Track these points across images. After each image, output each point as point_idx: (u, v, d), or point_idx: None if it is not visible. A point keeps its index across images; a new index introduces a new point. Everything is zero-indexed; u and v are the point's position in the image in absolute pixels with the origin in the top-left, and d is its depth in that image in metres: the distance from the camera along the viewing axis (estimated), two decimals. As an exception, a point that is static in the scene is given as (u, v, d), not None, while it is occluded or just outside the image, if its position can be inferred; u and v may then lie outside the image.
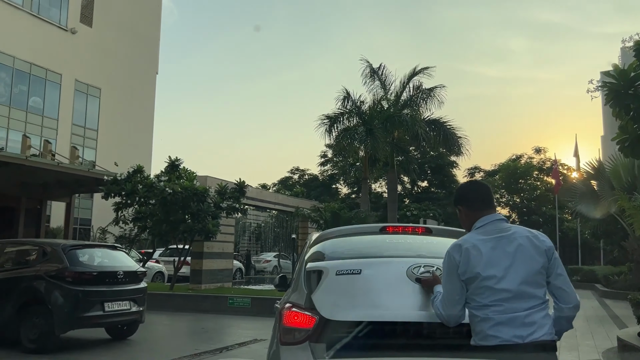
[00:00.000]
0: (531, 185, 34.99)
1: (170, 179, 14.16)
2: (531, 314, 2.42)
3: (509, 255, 2.50)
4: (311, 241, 3.79)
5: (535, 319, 2.42)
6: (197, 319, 11.66)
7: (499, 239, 2.55)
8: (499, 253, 2.51)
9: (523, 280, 2.45)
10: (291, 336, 3.20)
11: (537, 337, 2.40)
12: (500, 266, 2.48)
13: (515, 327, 2.40)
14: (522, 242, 2.53)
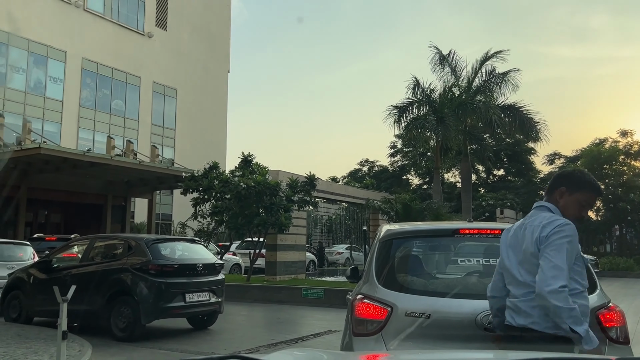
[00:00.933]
0: (617, 171, 32.83)
1: (244, 174, 14.56)
2: (521, 302, 2.53)
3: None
4: (380, 235, 3.71)
5: (522, 307, 2.51)
6: (272, 310, 11.95)
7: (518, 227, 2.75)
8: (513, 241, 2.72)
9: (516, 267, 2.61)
10: (363, 327, 3.24)
11: (521, 323, 2.49)
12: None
13: (509, 313, 2.59)
14: (520, 231, 2.68)
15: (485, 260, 3.54)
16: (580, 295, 2.44)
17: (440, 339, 3.03)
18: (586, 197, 2.65)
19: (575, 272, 2.47)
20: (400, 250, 3.63)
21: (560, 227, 2.49)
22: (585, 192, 2.65)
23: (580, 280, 2.49)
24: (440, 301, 3.15)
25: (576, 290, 2.43)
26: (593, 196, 2.69)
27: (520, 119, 23.41)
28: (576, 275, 2.47)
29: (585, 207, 2.67)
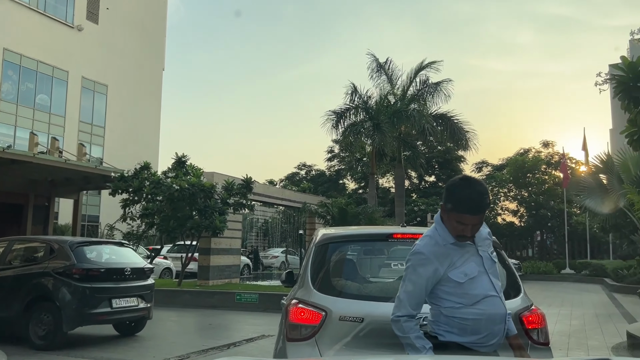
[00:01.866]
0: (539, 180, 34.73)
1: (177, 175, 14.20)
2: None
3: None
4: (316, 239, 3.71)
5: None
6: (205, 315, 11.69)
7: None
8: None
9: None
10: (297, 332, 3.21)
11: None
12: None
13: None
14: None
15: None
16: (458, 310, 2.43)
17: (373, 342, 3.04)
18: (457, 216, 2.39)
19: (447, 292, 2.45)
20: (336, 254, 3.64)
21: (409, 256, 2.54)
22: (457, 211, 2.39)
23: (455, 299, 2.44)
24: (373, 305, 3.17)
25: (451, 307, 2.45)
26: (464, 215, 2.38)
27: (451, 127, 24.29)
28: (446, 295, 2.45)
29: (463, 226, 2.40)
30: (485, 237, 2.60)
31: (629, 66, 6.16)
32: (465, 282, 2.43)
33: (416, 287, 2.46)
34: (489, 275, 2.49)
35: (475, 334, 2.42)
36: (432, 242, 2.49)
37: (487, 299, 2.43)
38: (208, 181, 14.32)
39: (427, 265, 2.44)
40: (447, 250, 2.46)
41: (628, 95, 6.18)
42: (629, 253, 24.54)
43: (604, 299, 15.71)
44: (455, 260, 2.45)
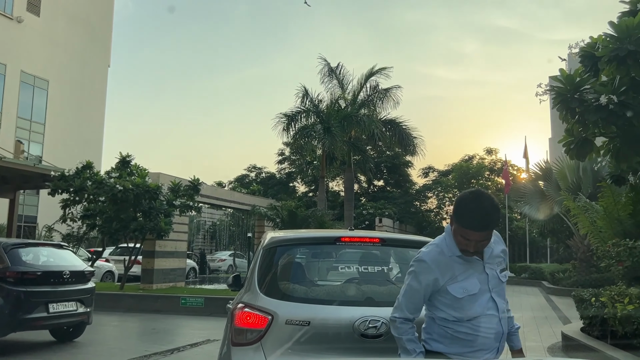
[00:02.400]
0: (482, 185, 35.95)
1: (121, 175, 13.78)
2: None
3: None
4: (264, 242, 3.69)
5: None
6: (148, 320, 11.37)
7: None
8: None
9: None
10: (243, 337, 3.18)
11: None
12: None
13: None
14: None
15: (364, 268, 3.64)
16: (451, 323, 2.42)
17: (319, 346, 3.05)
18: (461, 230, 2.35)
19: (443, 304, 2.44)
20: (284, 257, 3.62)
21: (412, 261, 2.53)
22: (460, 225, 2.36)
23: (451, 312, 2.41)
24: (319, 308, 3.17)
25: (444, 319, 2.44)
26: (467, 231, 2.33)
27: (400, 133, 24.77)
28: (441, 306, 2.45)
29: (467, 241, 2.35)
30: (497, 255, 2.52)
31: (567, 78, 6.45)
32: (464, 297, 2.39)
33: (414, 292, 2.46)
34: (491, 294, 2.43)
35: (466, 347, 2.40)
36: (438, 250, 2.46)
37: (484, 318, 2.39)
38: (153, 182, 13.97)
39: (428, 273, 2.41)
40: (451, 262, 2.42)
41: (566, 106, 6.47)
42: (565, 257, 25.74)
43: (541, 302, 16.38)
44: (457, 274, 2.41)
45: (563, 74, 6.58)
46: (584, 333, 8.09)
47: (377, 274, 3.60)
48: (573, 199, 13.27)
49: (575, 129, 6.91)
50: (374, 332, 2.99)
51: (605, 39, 6.19)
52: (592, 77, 6.55)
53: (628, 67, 6.09)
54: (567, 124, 6.96)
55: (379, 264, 3.66)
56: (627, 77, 6.33)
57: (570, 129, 6.99)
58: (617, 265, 9.43)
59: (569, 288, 16.06)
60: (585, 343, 7.43)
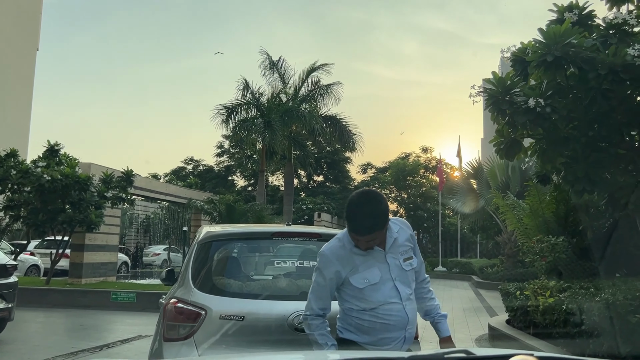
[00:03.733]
0: (418, 183, 36.95)
1: (49, 165, 13.11)
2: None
3: None
4: (199, 237, 3.65)
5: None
6: (76, 316, 10.90)
7: None
8: None
9: None
10: (175, 332, 3.15)
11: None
12: None
13: None
14: None
15: (300, 263, 3.69)
16: (358, 312, 2.47)
17: (253, 340, 3.07)
18: (349, 228, 2.44)
19: (348, 295, 2.49)
20: (219, 252, 3.61)
21: (317, 257, 2.58)
22: (347, 223, 2.44)
23: (355, 302, 2.47)
24: (253, 303, 3.20)
25: (351, 309, 2.49)
26: (351, 230, 2.42)
27: (340, 129, 25.00)
28: (347, 297, 2.50)
29: (356, 241, 2.44)
30: (402, 244, 2.57)
31: (499, 81, 6.73)
32: (366, 287, 2.44)
33: (320, 288, 2.51)
34: (394, 282, 2.48)
35: (372, 336, 2.46)
36: (339, 244, 2.51)
37: (387, 306, 2.44)
38: (84, 172, 13.38)
39: (329, 267, 2.46)
40: (351, 254, 2.46)
41: (497, 107, 6.74)
42: (493, 252, 26.95)
43: (470, 295, 17.08)
44: (358, 265, 2.46)
45: (495, 76, 6.85)
46: (508, 324, 8.52)
47: (312, 269, 3.64)
48: (502, 197, 13.87)
49: (505, 130, 7.22)
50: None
51: (535, 45, 6.49)
52: (522, 80, 6.86)
53: (554, 73, 6.42)
54: (498, 125, 7.27)
55: (315, 259, 3.68)
56: (553, 81, 6.68)
57: (501, 129, 7.29)
58: (540, 261, 9.95)
59: (496, 282, 16.81)
60: (509, 334, 7.83)
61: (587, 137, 6.81)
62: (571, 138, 6.87)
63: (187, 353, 3.03)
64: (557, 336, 6.65)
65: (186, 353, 3.04)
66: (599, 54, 6.21)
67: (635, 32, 6.65)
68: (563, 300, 6.61)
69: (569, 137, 6.88)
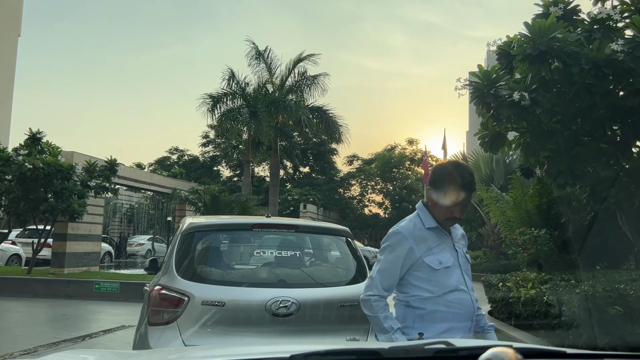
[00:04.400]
0: (403, 175, 37.13)
1: (31, 153, 12.92)
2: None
3: None
4: (183, 228, 3.81)
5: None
6: (58, 306, 10.80)
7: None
8: None
9: None
10: (160, 317, 3.32)
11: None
12: None
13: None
14: None
15: (278, 253, 3.88)
16: (426, 300, 2.36)
17: (234, 325, 3.26)
18: (447, 193, 2.37)
19: (419, 279, 2.38)
20: (202, 242, 3.77)
21: (386, 237, 2.48)
22: (446, 188, 2.38)
23: (426, 286, 2.37)
24: (234, 290, 3.39)
25: (419, 296, 2.37)
26: (453, 191, 2.37)
27: (326, 120, 24.94)
28: (417, 282, 2.38)
29: (453, 207, 2.38)
30: (460, 238, 2.57)
31: (484, 74, 6.76)
32: (440, 270, 2.37)
33: (390, 266, 2.39)
34: (462, 271, 2.45)
35: (438, 325, 2.34)
36: (411, 225, 2.44)
37: (457, 293, 2.38)
38: (67, 161, 13.22)
39: (404, 244, 2.38)
40: (425, 234, 2.41)
41: (482, 101, 6.78)
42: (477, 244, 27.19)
43: (453, 286, 17.23)
44: (432, 247, 2.40)
45: (481, 70, 6.88)
46: (490, 315, 8.62)
47: (291, 258, 3.86)
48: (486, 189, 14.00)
49: (490, 123, 7.27)
50: (285, 311, 3.25)
51: (520, 39, 6.53)
52: (507, 74, 6.90)
53: (539, 67, 6.47)
54: (483, 118, 7.31)
55: (293, 249, 3.90)
56: (538, 75, 6.73)
57: (486, 122, 7.34)
58: (522, 253, 10.09)
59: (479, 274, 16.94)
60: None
61: (570, 131, 6.89)
62: (555, 132, 6.94)
63: (171, 337, 3.19)
64: (537, 327, 6.76)
65: (170, 337, 3.20)
66: (583, 49, 6.26)
67: (619, 28, 6.72)
68: (544, 292, 6.70)
69: (553, 131, 6.95)
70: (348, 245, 3.93)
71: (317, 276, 3.74)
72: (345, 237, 3.97)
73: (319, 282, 3.65)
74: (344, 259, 3.93)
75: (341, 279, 3.78)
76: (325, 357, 1.16)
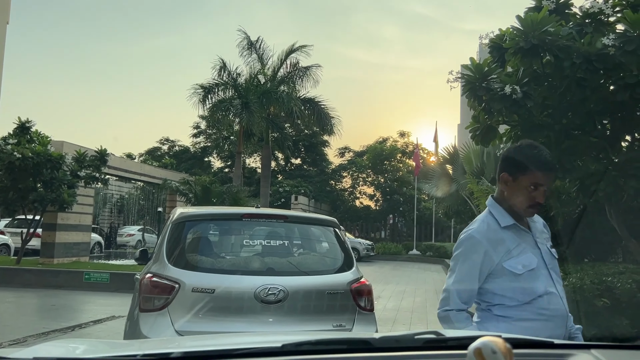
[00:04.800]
0: (394, 167, 37.20)
1: (20, 142, 12.79)
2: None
3: None
4: (173, 217, 3.89)
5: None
6: (47, 296, 10.76)
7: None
8: None
9: None
10: (151, 303, 3.40)
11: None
12: None
13: None
14: None
15: (267, 242, 3.98)
16: (511, 309, 2.06)
17: (224, 311, 3.36)
18: (531, 178, 2.09)
19: (500, 287, 2.08)
20: (192, 232, 3.84)
21: (457, 243, 2.19)
22: (529, 173, 2.09)
23: (510, 294, 2.06)
24: (224, 277, 3.49)
25: (503, 305, 2.08)
26: (539, 174, 2.09)
27: (318, 112, 24.90)
28: (498, 290, 2.09)
29: (536, 191, 2.10)
30: (541, 230, 2.25)
31: (476, 67, 6.77)
32: (524, 274, 2.05)
33: (467, 276, 2.10)
34: (549, 271, 2.13)
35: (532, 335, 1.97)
36: (485, 226, 2.14)
37: (547, 297, 2.06)
38: (56, 151, 13.12)
39: (478, 249, 2.09)
40: (501, 235, 2.11)
41: (474, 93, 6.79)
42: (466, 237, 27.38)
43: (443, 278, 17.35)
44: (511, 249, 2.09)
45: (473, 63, 6.89)
46: (479, 307, 8.68)
47: (279, 247, 3.96)
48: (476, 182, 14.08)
49: (481, 116, 7.28)
50: (273, 298, 3.35)
51: (512, 32, 6.53)
52: (499, 67, 6.91)
53: (530, 60, 6.49)
54: (475, 111, 7.33)
55: (282, 239, 4.02)
56: (530, 69, 6.75)
57: (477, 115, 7.36)
58: (511, 245, 10.17)
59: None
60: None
61: (560, 124, 6.93)
62: (545, 125, 6.98)
63: (162, 323, 3.27)
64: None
65: (161, 323, 3.27)
66: (575, 43, 6.29)
67: (611, 22, 6.75)
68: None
69: (543, 124, 6.99)
70: (335, 236, 4.03)
71: (305, 265, 3.83)
72: (333, 228, 4.07)
73: (307, 271, 3.74)
74: (331, 249, 4.04)
75: (328, 268, 3.88)
76: (316, 347, 1.19)
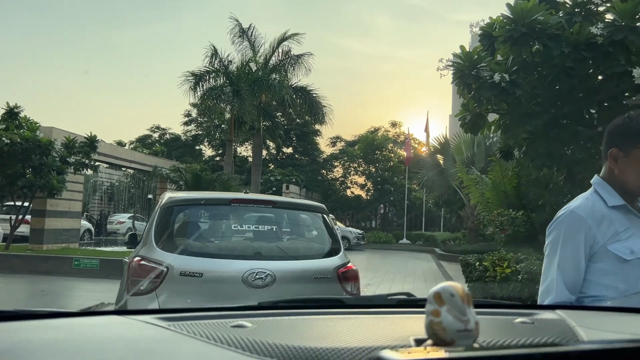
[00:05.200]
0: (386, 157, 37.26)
1: (8, 128, 12.67)
2: None
3: None
4: (162, 202, 3.89)
5: None
6: (36, 282, 10.73)
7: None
8: None
9: None
10: (139, 287, 3.41)
11: None
12: None
13: None
14: None
15: (256, 227, 4.00)
16: (621, 300, 1.73)
17: (211, 295, 3.37)
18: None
19: (602, 272, 1.76)
20: (181, 216, 3.85)
21: (555, 222, 1.85)
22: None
23: (611, 283, 1.75)
24: (212, 261, 3.50)
25: (601, 297, 1.75)
26: None
27: (310, 101, 24.85)
28: (598, 277, 1.76)
29: None
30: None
31: (466, 55, 6.81)
32: (632, 260, 1.73)
33: (570, 259, 1.77)
34: None
35: None
36: (589, 203, 1.82)
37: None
38: (45, 137, 13.00)
39: (582, 227, 1.77)
40: (609, 214, 1.78)
41: (463, 81, 6.84)
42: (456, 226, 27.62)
43: (432, 266, 17.51)
44: (620, 231, 1.77)
45: (463, 51, 6.92)
46: (467, 294, 8.79)
47: (268, 232, 3.99)
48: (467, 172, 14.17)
49: (471, 104, 7.34)
50: (261, 283, 3.36)
51: (502, 20, 6.57)
52: (488, 55, 6.96)
53: (520, 48, 6.53)
54: (464, 99, 7.38)
55: (270, 224, 4.05)
56: (519, 57, 6.80)
57: (467, 103, 7.41)
58: (500, 233, 10.29)
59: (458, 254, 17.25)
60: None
61: (549, 113, 7.00)
62: (534, 114, 7.05)
63: (150, 306, 3.24)
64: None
65: (149, 306, 3.23)
66: (564, 32, 6.33)
67: (600, 12, 6.80)
68: (519, 270, 6.87)
69: (532, 113, 7.06)
70: (324, 222, 4.05)
71: (293, 250, 3.86)
72: (321, 214, 4.09)
73: (295, 255, 3.77)
74: (319, 234, 4.06)
75: (316, 253, 3.92)
76: (292, 304, 1.26)
